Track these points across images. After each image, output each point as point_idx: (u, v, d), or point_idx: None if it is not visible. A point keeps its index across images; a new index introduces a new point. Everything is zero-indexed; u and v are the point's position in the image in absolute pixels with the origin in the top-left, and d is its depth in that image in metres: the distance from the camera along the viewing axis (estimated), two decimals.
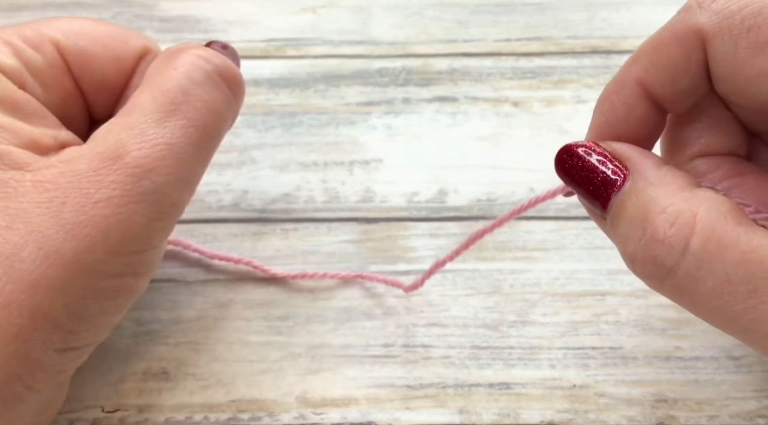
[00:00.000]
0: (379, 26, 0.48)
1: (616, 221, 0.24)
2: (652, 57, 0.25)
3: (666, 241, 0.22)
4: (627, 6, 0.48)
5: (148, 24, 0.49)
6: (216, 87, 0.30)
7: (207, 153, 0.30)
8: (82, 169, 0.26)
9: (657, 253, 0.22)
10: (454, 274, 0.39)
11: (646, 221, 0.22)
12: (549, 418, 0.35)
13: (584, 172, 0.24)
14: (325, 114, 0.45)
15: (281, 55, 0.47)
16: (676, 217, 0.22)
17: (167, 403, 0.35)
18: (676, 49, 0.24)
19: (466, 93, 0.45)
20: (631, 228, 0.23)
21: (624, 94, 0.25)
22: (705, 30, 0.23)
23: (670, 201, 0.22)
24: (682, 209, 0.22)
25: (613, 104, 0.25)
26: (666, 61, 0.24)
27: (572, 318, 0.37)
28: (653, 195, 0.23)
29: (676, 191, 0.23)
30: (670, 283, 0.22)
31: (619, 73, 0.26)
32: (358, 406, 0.35)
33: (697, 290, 0.22)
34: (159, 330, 0.37)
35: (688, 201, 0.22)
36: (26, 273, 0.24)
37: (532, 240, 0.40)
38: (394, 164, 0.42)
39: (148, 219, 0.27)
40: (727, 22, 0.23)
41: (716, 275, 0.21)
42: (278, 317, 0.38)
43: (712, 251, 0.21)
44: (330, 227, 0.40)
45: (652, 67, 0.24)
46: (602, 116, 0.26)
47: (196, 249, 0.39)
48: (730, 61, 0.23)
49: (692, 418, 0.34)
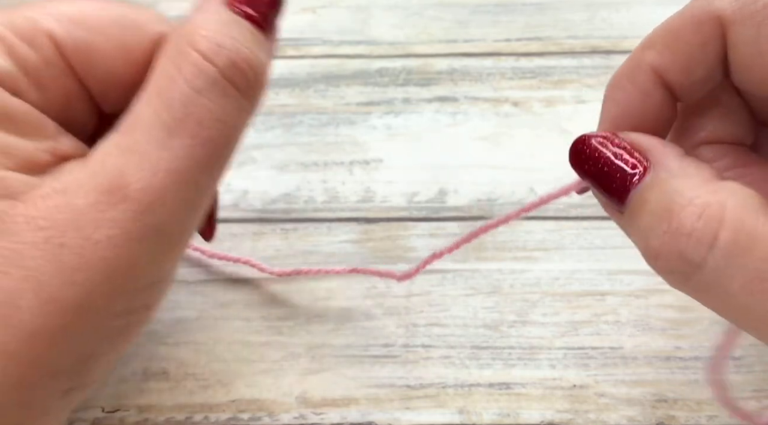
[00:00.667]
0: (379, 26, 0.48)
1: (637, 215, 0.22)
2: (669, 42, 0.23)
3: (693, 234, 0.20)
4: (627, 6, 0.48)
5: None
6: (223, 93, 0.26)
7: (218, 169, 0.27)
8: (79, 205, 0.23)
9: (683, 247, 0.21)
10: (454, 274, 0.39)
11: (671, 213, 0.21)
12: (549, 418, 0.35)
13: (601, 164, 0.23)
14: (325, 114, 0.45)
15: (281, 55, 0.47)
16: (703, 209, 0.20)
17: (167, 403, 0.35)
18: (694, 36, 0.23)
19: (466, 93, 0.45)
20: (654, 221, 0.21)
21: (639, 79, 0.24)
22: (725, 16, 0.22)
23: (697, 193, 0.21)
24: (709, 201, 0.21)
25: (627, 91, 0.24)
26: (683, 47, 0.23)
27: (572, 318, 0.37)
28: (678, 187, 0.21)
29: (702, 183, 0.21)
30: (696, 279, 0.21)
31: (630, 58, 0.24)
32: (358, 406, 0.35)
33: (726, 288, 0.20)
34: (159, 330, 0.37)
35: (715, 193, 0.21)
36: (24, 323, 0.22)
37: (532, 240, 0.40)
38: (394, 164, 0.42)
39: (153, 255, 0.25)
40: (750, 9, 0.22)
41: (747, 271, 0.20)
42: (278, 317, 0.38)
43: (742, 245, 0.20)
44: (330, 227, 0.40)
45: (669, 53, 0.23)
46: (616, 104, 0.25)
47: (197, 248, 0.39)
48: (752, 50, 0.22)
49: (692, 418, 0.34)
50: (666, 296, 0.37)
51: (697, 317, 0.36)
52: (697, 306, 0.37)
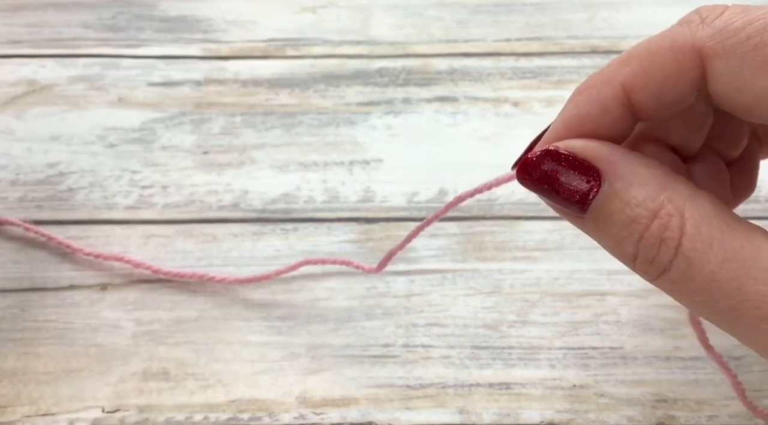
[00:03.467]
0: (379, 26, 0.48)
1: (603, 225, 0.24)
2: (645, 63, 0.24)
3: (662, 244, 0.23)
4: (627, 6, 0.48)
5: (148, 24, 0.49)
6: None
7: None
8: None
9: (654, 254, 0.23)
10: (454, 274, 0.39)
11: (640, 224, 0.23)
12: (549, 418, 0.35)
13: (552, 184, 0.24)
14: (325, 114, 0.45)
15: (281, 55, 0.47)
16: (668, 221, 0.22)
17: (167, 403, 0.35)
18: (672, 63, 0.23)
19: (466, 93, 0.45)
20: (624, 232, 0.23)
21: (605, 93, 0.24)
22: (706, 48, 0.23)
23: (659, 203, 0.23)
24: (671, 211, 0.22)
25: (591, 100, 0.25)
26: (658, 72, 0.24)
27: (572, 318, 0.37)
28: (638, 197, 0.23)
29: (659, 189, 0.23)
30: (663, 278, 0.23)
31: (606, 68, 0.25)
32: (358, 406, 0.35)
33: (688, 287, 0.23)
34: (159, 330, 0.37)
35: (673, 201, 0.23)
36: None
37: (532, 240, 0.40)
38: (394, 164, 0.42)
39: None
40: (732, 40, 0.22)
41: (704, 274, 0.22)
42: (278, 317, 0.38)
43: (699, 250, 0.22)
44: (330, 227, 0.40)
45: (642, 74, 0.24)
46: (575, 108, 0.25)
47: (149, 267, 0.39)
48: (736, 80, 0.22)
49: (692, 418, 0.34)
50: (666, 296, 0.36)
51: None
52: None
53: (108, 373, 0.36)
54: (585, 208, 0.24)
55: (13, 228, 0.40)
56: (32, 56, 0.47)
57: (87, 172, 0.42)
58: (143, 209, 0.41)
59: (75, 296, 0.38)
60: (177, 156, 0.43)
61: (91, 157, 0.43)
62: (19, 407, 0.35)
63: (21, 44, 0.48)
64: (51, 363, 0.36)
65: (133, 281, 0.39)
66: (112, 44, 0.48)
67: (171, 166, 0.43)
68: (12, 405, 0.35)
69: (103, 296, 0.38)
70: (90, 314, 0.38)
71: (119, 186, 0.42)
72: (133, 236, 0.40)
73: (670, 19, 0.25)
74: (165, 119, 0.44)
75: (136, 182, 0.42)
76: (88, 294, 0.38)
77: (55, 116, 0.45)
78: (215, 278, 0.38)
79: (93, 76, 0.46)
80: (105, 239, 0.40)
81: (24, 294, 0.38)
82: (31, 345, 0.37)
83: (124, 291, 0.38)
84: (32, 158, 0.43)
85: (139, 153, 0.43)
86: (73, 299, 0.38)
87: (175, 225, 0.41)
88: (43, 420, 0.35)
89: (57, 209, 0.41)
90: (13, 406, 0.35)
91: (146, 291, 0.38)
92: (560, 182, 0.24)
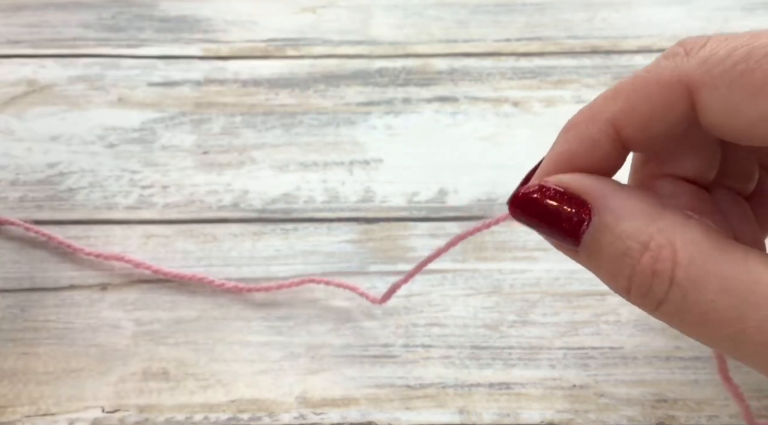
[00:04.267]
0: (379, 26, 0.48)
1: (596, 259, 0.24)
2: (631, 99, 0.24)
3: (655, 277, 0.22)
4: (627, 6, 0.48)
5: (149, 24, 0.49)
6: None
7: None
8: None
9: (648, 287, 0.23)
10: (454, 274, 0.39)
11: (632, 259, 0.23)
12: (549, 418, 0.35)
13: (544, 219, 0.24)
14: (325, 114, 0.45)
15: (281, 55, 0.47)
16: (659, 253, 0.22)
17: (167, 403, 0.35)
18: (658, 97, 0.23)
19: (466, 93, 0.45)
20: (616, 266, 0.23)
21: (592, 129, 0.25)
22: (693, 79, 0.23)
23: (649, 235, 0.23)
24: (661, 243, 0.22)
25: (579, 136, 0.25)
26: (645, 107, 0.24)
27: (572, 318, 0.37)
28: (628, 231, 0.23)
29: (649, 221, 0.23)
30: (661, 310, 0.23)
31: (593, 104, 0.25)
32: (358, 406, 0.35)
33: (686, 318, 0.23)
34: (159, 330, 0.37)
35: (663, 232, 0.23)
36: None
37: (532, 240, 0.40)
38: (394, 164, 0.42)
39: None
40: (719, 69, 0.22)
41: (702, 304, 0.22)
42: (278, 318, 0.38)
43: (694, 279, 0.22)
44: (330, 227, 0.40)
45: (629, 110, 0.24)
46: (565, 144, 0.25)
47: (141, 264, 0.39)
48: (727, 108, 0.22)
49: (692, 418, 0.34)
50: None
51: None
52: None
53: (108, 373, 0.36)
54: (577, 242, 0.24)
55: (13, 228, 0.40)
56: (32, 56, 0.47)
57: (87, 172, 0.42)
58: (143, 209, 0.41)
59: (75, 296, 0.38)
60: (177, 156, 0.43)
61: (91, 157, 0.43)
62: (19, 407, 0.35)
63: (21, 44, 0.48)
64: (51, 363, 0.36)
65: (133, 281, 0.39)
66: (112, 44, 0.48)
67: (171, 166, 0.43)
68: (12, 405, 0.35)
69: (103, 296, 0.38)
70: (90, 314, 0.38)
71: (119, 186, 0.42)
72: (133, 236, 0.40)
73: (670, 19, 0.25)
74: (165, 119, 0.44)
75: (136, 182, 0.42)
76: (88, 294, 0.38)
77: (55, 116, 0.45)
78: (215, 282, 0.38)
79: (93, 76, 0.46)
80: (105, 239, 0.40)
81: (24, 294, 0.38)
82: (31, 345, 0.37)
83: (124, 291, 0.38)
84: (32, 158, 0.43)
85: (139, 153, 0.43)
86: (73, 299, 0.38)
87: (175, 225, 0.41)
88: (43, 420, 0.35)
89: (57, 209, 0.41)
90: (13, 406, 0.35)
91: (146, 291, 0.38)
92: (552, 216, 0.24)
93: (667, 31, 0.46)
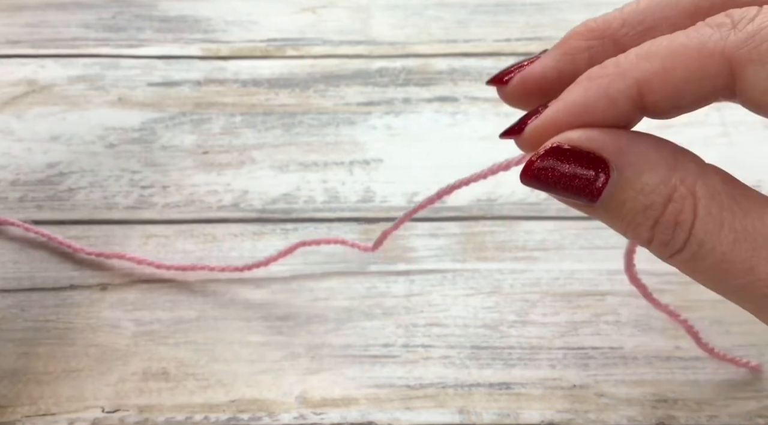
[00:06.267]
0: (379, 26, 0.48)
1: (617, 213, 0.24)
2: (667, 63, 0.23)
3: (677, 227, 0.23)
4: None
5: (148, 24, 0.49)
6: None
7: None
8: None
9: (669, 237, 0.23)
10: (454, 274, 0.39)
11: (655, 211, 0.23)
12: (549, 418, 0.35)
13: (560, 181, 0.24)
14: (325, 114, 0.45)
15: (281, 55, 0.47)
16: (682, 204, 0.22)
17: (167, 403, 0.35)
18: (697, 67, 0.22)
19: (466, 93, 0.45)
20: (640, 218, 0.23)
21: (617, 85, 0.23)
22: (738, 55, 0.22)
23: (671, 186, 0.23)
24: (684, 194, 0.22)
25: (600, 90, 0.24)
26: (680, 74, 0.23)
27: (572, 318, 0.37)
28: (650, 183, 0.23)
29: (670, 170, 0.23)
30: (677, 257, 0.23)
31: (623, 59, 0.24)
32: (358, 406, 0.35)
33: (699, 267, 0.23)
34: (159, 330, 0.37)
35: (685, 182, 0.23)
36: None
37: (532, 240, 0.40)
38: (394, 164, 0.42)
39: None
40: (766, 45, 0.21)
41: (715, 254, 0.22)
42: (278, 317, 0.38)
43: (710, 231, 0.22)
44: (330, 227, 0.40)
45: (663, 74, 0.23)
46: (583, 94, 0.24)
47: (143, 261, 0.39)
48: None
49: (692, 418, 0.34)
50: (666, 296, 0.37)
51: (697, 317, 0.36)
52: (697, 307, 0.37)
53: (108, 373, 0.36)
54: (595, 199, 0.23)
55: (13, 228, 0.40)
56: (32, 56, 0.47)
57: (87, 172, 0.42)
58: (143, 209, 0.41)
59: (75, 296, 0.38)
60: (177, 156, 0.43)
61: (91, 157, 0.43)
62: (19, 407, 0.35)
63: (21, 44, 0.48)
64: (51, 363, 0.36)
65: (134, 281, 0.39)
66: (112, 44, 0.48)
67: (171, 166, 0.43)
68: (12, 405, 0.35)
69: (103, 296, 0.38)
70: (90, 314, 0.38)
71: (119, 186, 0.42)
72: (133, 236, 0.40)
73: None
74: (165, 119, 0.44)
75: (136, 182, 0.42)
76: (88, 294, 0.38)
77: (55, 116, 0.45)
78: (216, 268, 0.38)
79: (93, 76, 0.46)
80: (105, 239, 0.40)
81: (24, 294, 0.38)
82: (31, 345, 0.37)
83: (124, 291, 0.38)
84: (32, 158, 0.43)
85: (139, 153, 0.43)
86: (73, 299, 0.38)
87: (175, 225, 0.41)
88: (43, 420, 0.35)
89: (57, 209, 0.41)
90: (13, 406, 0.35)
91: (146, 291, 0.38)
92: (567, 177, 0.24)
93: None
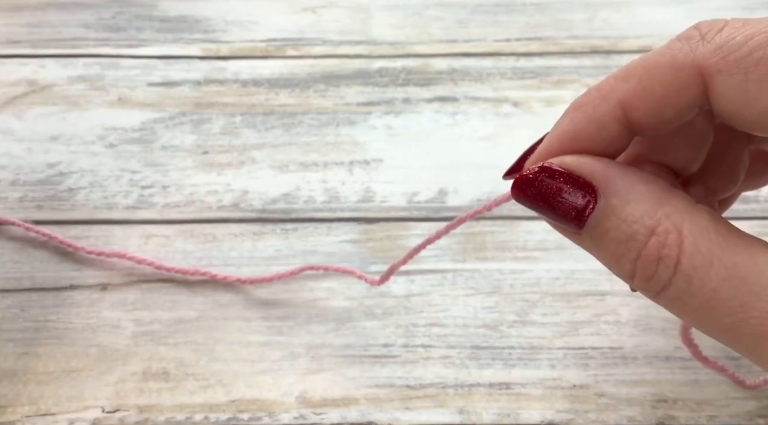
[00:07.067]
0: (379, 26, 0.48)
1: (600, 242, 0.24)
2: (644, 81, 0.23)
3: (660, 262, 0.22)
4: (627, 6, 0.48)
5: (148, 24, 0.49)
6: None
7: None
8: None
9: (653, 272, 0.23)
10: (454, 274, 0.39)
11: (637, 242, 0.23)
12: (549, 418, 0.35)
13: (548, 201, 0.24)
14: (325, 114, 0.45)
15: (281, 55, 0.47)
16: (665, 238, 0.22)
17: (167, 403, 0.35)
18: (672, 80, 0.23)
19: (466, 93, 0.45)
20: (622, 249, 0.23)
21: (602, 109, 0.24)
22: (707, 66, 0.22)
23: (656, 220, 0.22)
24: (668, 228, 0.22)
25: (586, 116, 0.24)
26: (657, 90, 0.23)
27: (572, 318, 0.37)
28: (635, 214, 0.23)
29: (656, 205, 0.22)
30: (663, 295, 0.23)
31: (603, 84, 0.24)
32: (358, 406, 0.35)
33: (688, 305, 0.22)
34: (159, 330, 0.37)
35: (670, 218, 0.22)
36: None
37: (532, 240, 0.40)
38: (394, 164, 0.42)
39: None
40: (734, 56, 0.22)
41: (704, 292, 0.22)
42: (278, 318, 0.38)
43: (699, 268, 0.22)
44: (330, 227, 0.40)
45: (641, 92, 0.23)
46: (570, 123, 0.25)
47: (143, 260, 0.39)
48: (741, 96, 0.22)
49: (692, 418, 0.34)
50: None
51: None
52: None
53: (108, 373, 0.36)
54: (581, 225, 0.23)
55: (13, 228, 0.40)
56: (32, 56, 0.47)
57: (87, 172, 0.42)
58: (143, 209, 0.41)
59: (75, 296, 0.38)
60: (177, 156, 0.43)
61: (91, 157, 0.43)
62: (19, 407, 0.35)
63: (21, 44, 0.48)
64: (51, 363, 0.36)
65: (134, 281, 0.39)
66: (112, 44, 0.48)
67: (171, 166, 0.43)
68: (12, 405, 0.35)
69: (103, 296, 0.38)
70: (90, 314, 0.38)
71: (119, 186, 0.42)
72: (133, 236, 0.40)
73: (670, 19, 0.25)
74: (165, 119, 0.44)
75: (136, 182, 0.42)
76: (88, 294, 0.38)
77: (55, 116, 0.45)
78: (218, 276, 0.38)
79: (93, 76, 0.46)
80: (105, 239, 0.40)
81: (24, 294, 0.38)
82: (31, 345, 0.37)
83: (124, 291, 0.38)
84: (32, 158, 0.43)
85: (139, 153, 0.43)
86: (73, 299, 0.38)
87: (175, 225, 0.41)
88: (43, 420, 0.35)
89: (57, 209, 0.41)
90: (13, 406, 0.35)
91: (146, 291, 0.38)
92: (556, 199, 0.24)
93: (667, 31, 0.46)
